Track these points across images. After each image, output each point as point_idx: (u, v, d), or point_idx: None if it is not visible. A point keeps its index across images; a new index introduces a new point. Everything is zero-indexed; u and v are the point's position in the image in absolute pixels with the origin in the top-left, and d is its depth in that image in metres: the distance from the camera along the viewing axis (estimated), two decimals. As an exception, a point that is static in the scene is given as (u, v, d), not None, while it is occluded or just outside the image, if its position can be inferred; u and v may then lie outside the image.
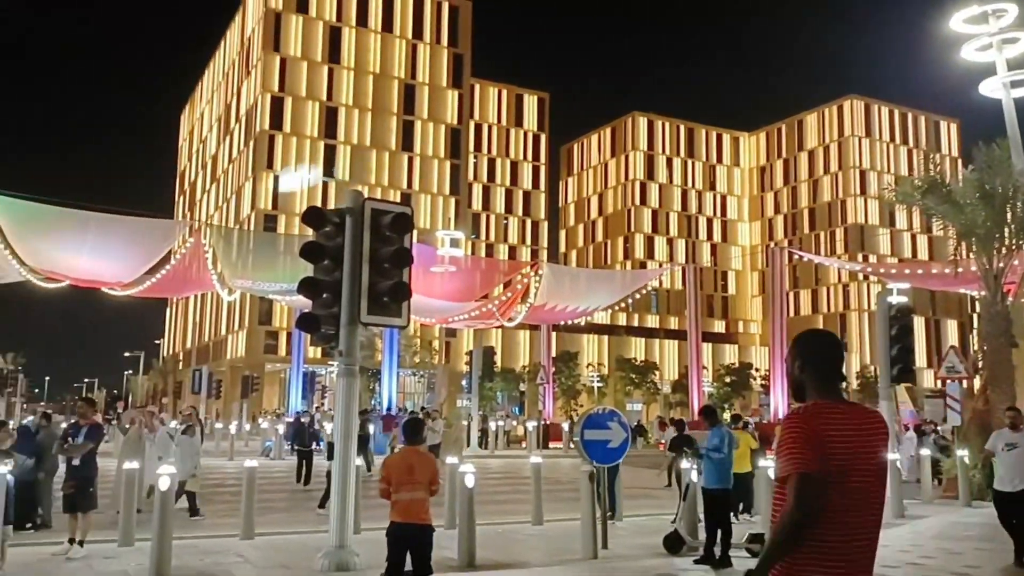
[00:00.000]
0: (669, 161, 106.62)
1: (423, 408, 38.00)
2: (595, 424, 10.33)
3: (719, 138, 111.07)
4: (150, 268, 24.88)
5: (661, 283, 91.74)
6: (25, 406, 64.90)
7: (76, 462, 10.14)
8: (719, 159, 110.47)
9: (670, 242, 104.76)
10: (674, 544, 10.35)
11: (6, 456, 9.36)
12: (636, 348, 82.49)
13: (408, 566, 7.08)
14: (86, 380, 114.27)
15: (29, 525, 11.73)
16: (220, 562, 9.58)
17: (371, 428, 25.60)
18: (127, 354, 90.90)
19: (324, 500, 13.98)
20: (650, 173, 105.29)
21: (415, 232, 10.61)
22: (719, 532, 9.64)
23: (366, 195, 10.14)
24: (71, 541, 9.67)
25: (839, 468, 2.80)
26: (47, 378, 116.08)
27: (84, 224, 22.52)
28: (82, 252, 23.18)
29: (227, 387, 61.79)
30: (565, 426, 38.70)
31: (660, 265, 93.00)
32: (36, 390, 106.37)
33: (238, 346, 76.41)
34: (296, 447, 20.68)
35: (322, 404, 53.37)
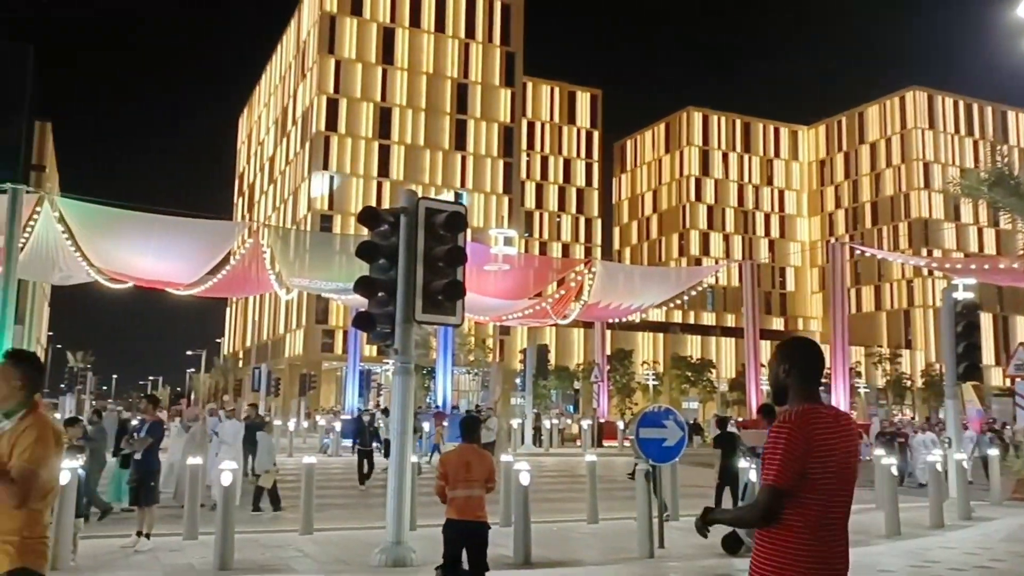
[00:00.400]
0: (725, 156, 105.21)
1: (477, 406, 38.17)
2: (651, 422, 10.24)
3: (776, 132, 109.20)
4: (211, 269, 25.40)
5: (717, 280, 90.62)
6: (94, 403, 66.99)
7: (138, 456, 10.57)
8: (777, 153, 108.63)
9: (726, 238, 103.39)
10: (732, 544, 10.19)
11: (78, 451, 9.69)
12: (692, 346, 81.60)
13: (464, 563, 7.11)
14: (151, 378, 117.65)
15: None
16: (280, 556, 9.76)
17: (425, 426, 25.79)
18: (189, 352, 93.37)
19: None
20: (705, 169, 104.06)
21: (468, 231, 10.65)
22: None
23: (420, 194, 10.22)
24: (138, 533, 9.96)
25: (823, 469, 3.07)
26: (114, 376, 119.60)
27: (148, 226, 23.09)
28: (146, 253, 23.76)
29: (285, 385, 62.97)
30: (620, 424, 38.45)
31: (716, 262, 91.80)
32: (104, 388, 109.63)
33: (296, 344, 77.79)
34: (357, 446, 20.26)
35: (378, 402, 53.98)
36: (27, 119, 72.68)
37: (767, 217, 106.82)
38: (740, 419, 34.82)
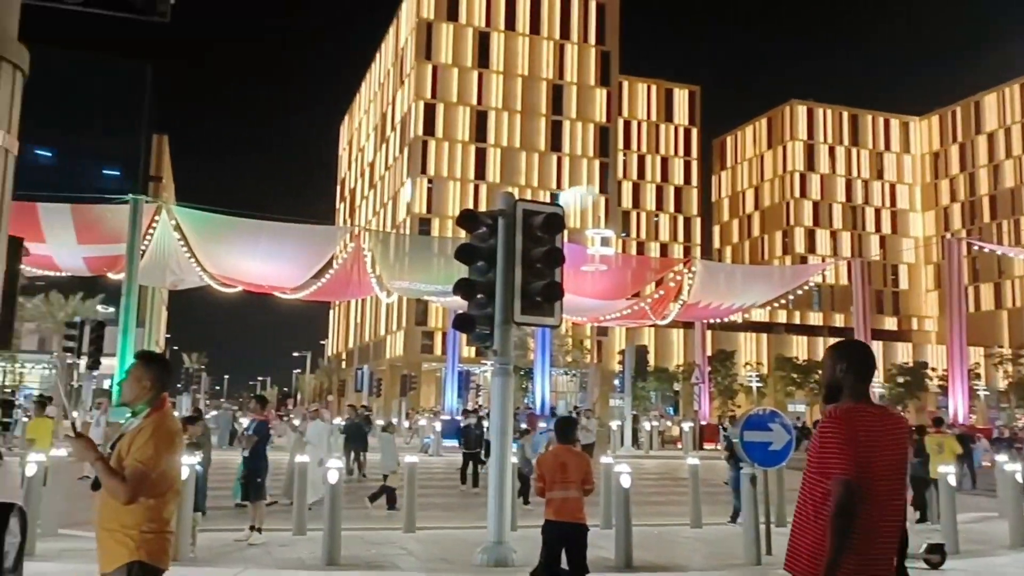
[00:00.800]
0: (831, 150, 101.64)
1: (576, 407, 38.05)
2: (756, 425, 9.97)
3: (886, 124, 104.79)
4: (315, 273, 26.23)
5: (824, 278, 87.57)
6: (208, 402, 70.20)
7: (245, 453, 11.07)
8: (887, 146, 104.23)
9: (834, 235, 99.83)
10: (937, 556, 9.70)
11: (197, 448, 10.15)
12: (797, 347, 79.15)
13: (564, 565, 7.09)
14: (259, 378, 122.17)
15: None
16: (385, 553, 9.96)
17: (521, 426, 25.86)
18: (295, 354, 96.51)
19: (525, 494, 14.29)
20: (810, 164, 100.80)
21: (565, 231, 10.63)
22: None
23: (516, 196, 10.26)
24: (251, 528, 10.36)
25: (869, 464, 3.12)
26: (226, 376, 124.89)
27: (257, 232, 24.07)
28: (255, 258, 24.76)
29: (387, 385, 64.41)
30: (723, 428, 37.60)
31: (823, 259, 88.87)
32: (217, 388, 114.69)
33: (396, 346, 79.43)
34: (462, 449, 19.56)
35: (477, 402, 54.55)
36: (146, 133, 76.87)
37: (877, 212, 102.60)
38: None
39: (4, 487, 14.07)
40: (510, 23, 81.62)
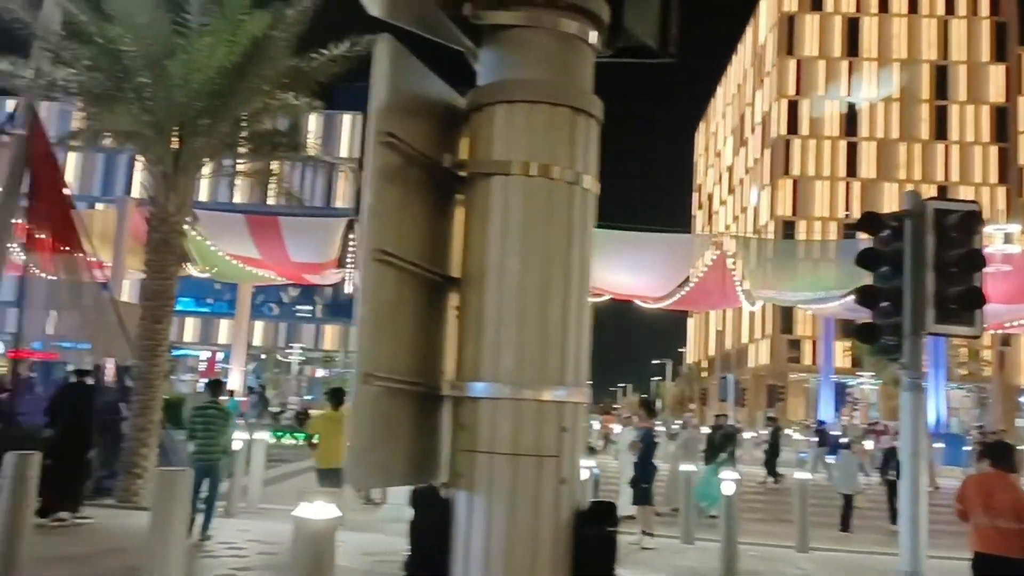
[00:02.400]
0: None
1: (980, 426, 33.99)
2: None
3: None
4: (680, 282, 26.37)
5: None
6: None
7: (635, 460, 11.37)
8: None
9: None
10: None
11: (594, 451, 10.71)
12: None
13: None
14: (620, 384, 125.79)
15: None
16: (781, 571, 9.65)
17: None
18: (655, 361, 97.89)
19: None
20: None
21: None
22: None
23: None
24: (643, 532, 10.66)
25: None
26: (589, 382, 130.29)
27: (620, 243, 24.83)
28: (619, 270, 25.58)
29: (751, 395, 62.71)
30: None
31: None
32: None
33: (760, 354, 77.02)
34: (885, 476, 15.61)
35: (851, 416, 50.86)
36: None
37: None
38: None
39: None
40: (883, 5, 75.38)
